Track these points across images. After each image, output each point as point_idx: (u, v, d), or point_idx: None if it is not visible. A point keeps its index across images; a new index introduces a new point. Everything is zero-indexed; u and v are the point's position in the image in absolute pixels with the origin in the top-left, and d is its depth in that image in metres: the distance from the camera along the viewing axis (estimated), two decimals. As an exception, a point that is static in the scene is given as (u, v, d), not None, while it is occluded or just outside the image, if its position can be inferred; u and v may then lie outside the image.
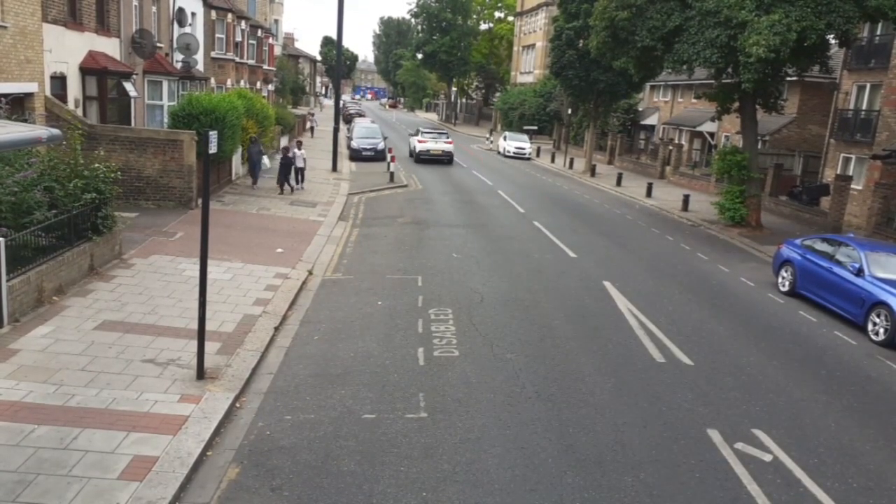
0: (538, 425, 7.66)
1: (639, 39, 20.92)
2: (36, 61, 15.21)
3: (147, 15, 23.44)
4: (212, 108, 18.29)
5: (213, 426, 7.04)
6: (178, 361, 8.46)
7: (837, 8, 17.78)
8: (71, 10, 17.90)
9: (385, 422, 7.52)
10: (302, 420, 7.48)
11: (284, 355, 9.28)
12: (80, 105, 18.48)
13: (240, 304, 10.86)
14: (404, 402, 8.02)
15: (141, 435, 6.67)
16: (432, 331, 10.45)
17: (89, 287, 10.81)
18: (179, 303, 10.49)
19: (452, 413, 7.81)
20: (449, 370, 9.01)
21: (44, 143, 7.73)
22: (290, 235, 15.98)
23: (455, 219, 20.23)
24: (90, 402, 7.26)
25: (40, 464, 6.05)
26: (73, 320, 9.41)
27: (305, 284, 12.54)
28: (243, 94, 25.03)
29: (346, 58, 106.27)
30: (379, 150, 33.58)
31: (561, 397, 8.42)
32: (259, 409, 7.72)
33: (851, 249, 13.25)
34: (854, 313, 12.37)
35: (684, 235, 20.76)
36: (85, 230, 11.33)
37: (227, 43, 32.85)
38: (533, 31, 63.18)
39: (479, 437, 7.33)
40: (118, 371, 8.03)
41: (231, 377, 8.24)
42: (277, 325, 10.23)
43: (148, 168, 17.01)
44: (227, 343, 9.23)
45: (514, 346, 10.02)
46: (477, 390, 8.45)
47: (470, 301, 12.04)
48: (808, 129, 32.55)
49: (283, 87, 56.80)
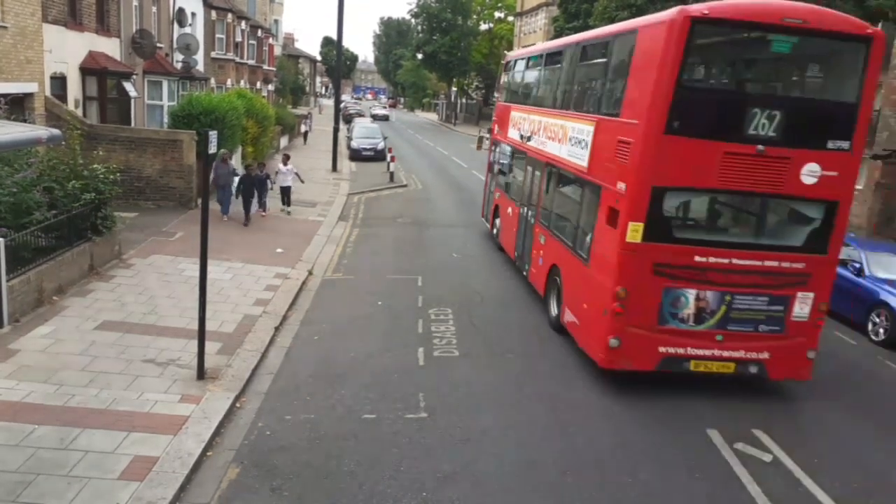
0: (539, 425, 7.66)
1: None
2: (36, 61, 15.21)
3: (147, 15, 23.45)
4: (212, 108, 18.28)
5: (214, 426, 7.04)
6: (178, 361, 8.46)
7: (837, 8, 17.73)
8: (71, 10, 17.89)
9: (385, 422, 7.52)
10: (302, 420, 7.48)
11: (285, 355, 9.27)
12: (80, 105, 18.47)
13: (240, 304, 10.85)
14: (404, 402, 8.02)
15: (141, 435, 6.67)
16: (432, 331, 10.45)
17: (89, 287, 10.80)
18: (179, 303, 10.48)
19: (453, 413, 7.80)
20: (449, 370, 9.01)
21: (44, 144, 7.73)
22: (289, 235, 15.97)
23: (455, 218, 20.23)
24: (90, 402, 7.26)
25: (40, 464, 6.05)
26: (73, 320, 9.41)
27: (305, 284, 12.54)
28: (243, 94, 25.07)
29: (345, 58, 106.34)
30: (379, 150, 33.57)
31: (562, 398, 8.41)
32: (259, 409, 7.72)
33: (852, 249, 13.22)
34: (855, 313, 12.36)
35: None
36: (84, 230, 11.32)
37: (227, 43, 32.86)
38: (533, 32, 63.17)
39: (479, 437, 7.33)
40: (118, 371, 8.03)
41: (231, 377, 8.24)
42: (278, 326, 10.23)
43: (148, 168, 17.00)
44: (227, 343, 9.23)
45: (514, 346, 10.02)
46: (477, 390, 8.45)
47: (470, 301, 12.03)
48: (808, 129, 32.50)
49: (283, 87, 56.85)
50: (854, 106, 7.85)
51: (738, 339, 8.29)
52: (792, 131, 7.73)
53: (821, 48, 8.24)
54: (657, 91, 7.52)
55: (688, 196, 8.36)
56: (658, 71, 7.52)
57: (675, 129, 7.56)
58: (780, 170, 7.77)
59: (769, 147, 7.66)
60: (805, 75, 9.09)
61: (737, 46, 8.36)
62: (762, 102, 7.83)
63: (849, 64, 8.06)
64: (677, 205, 8.45)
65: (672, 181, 7.82)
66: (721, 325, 8.23)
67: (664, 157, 7.67)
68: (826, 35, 7.77)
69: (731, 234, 8.67)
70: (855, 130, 7.88)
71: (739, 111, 7.70)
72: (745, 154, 7.67)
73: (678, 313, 8.17)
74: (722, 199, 8.50)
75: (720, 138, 7.66)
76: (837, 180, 7.92)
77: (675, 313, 8.17)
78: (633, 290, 7.99)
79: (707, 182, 7.82)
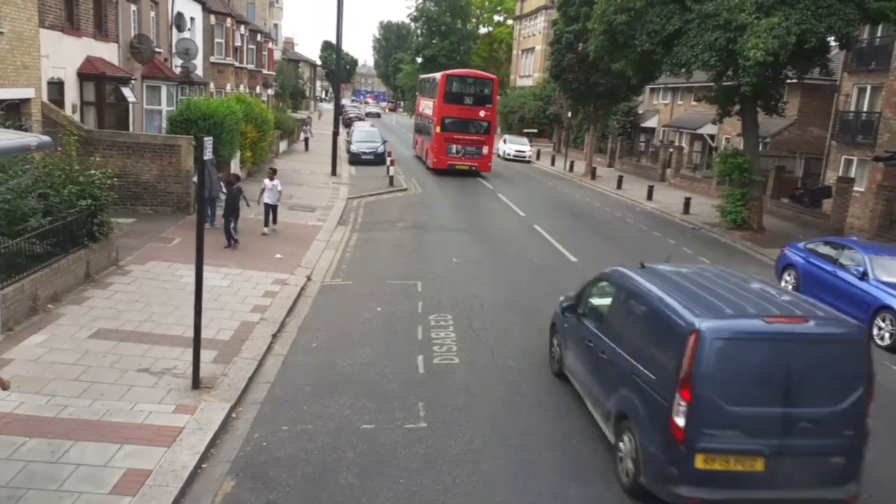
0: (541, 436, 7.52)
1: (638, 44, 20.80)
2: (33, 67, 15.11)
3: (146, 20, 23.37)
4: (210, 112, 18.17)
5: (209, 438, 6.90)
6: (173, 371, 8.32)
7: (838, 10, 17.65)
8: (68, 15, 17.80)
9: (384, 432, 7.38)
10: (299, 431, 7.34)
11: (282, 364, 9.14)
12: (78, 110, 18.37)
13: (237, 310, 10.72)
14: (404, 411, 7.88)
15: (134, 447, 6.53)
16: (432, 337, 10.32)
17: (85, 294, 10.68)
18: (176, 310, 10.34)
19: (453, 423, 7.67)
20: (449, 378, 8.87)
21: (34, 151, 7.61)
22: (288, 241, 15.85)
23: (455, 223, 20.11)
24: (83, 413, 7.12)
25: (31, 478, 5.91)
26: (67, 329, 9.28)
27: (304, 290, 12.42)
28: (242, 98, 24.97)
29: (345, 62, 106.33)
30: (378, 154, 33.47)
31: (564, 407, 8.27)
32: (255, 419, 7.59)
33: (855, 253, 13.11)
34: (858, 317, 12.20)
35: (686, 239, 20.64)
36: (80, 237, 11.20)
37: (226, 47, 32.79)
38: (532, 35, 63.15)
39: (480, 448, 7.19)
40: (112, 381, 7.90)
41: (227, 386, 8.10)
42: (275, 333, 10.09)
43: (145, 173, 16.88)
44: (223, 351, 9.09)
45: (515, 353, 9.88)
46: (478, 399, 8.31)
47: (470, 307, 11.90)
48: (809, 131, 32.45)
49: (282, 92, 56.76)
50: (490, 97, 31.10)
51: (468, 159, 30.77)
52: (474, 102, 30.64)
53: (482, 86, 31.37)
54: (440, 95, 30.45)
55: (450, 119, 30.34)
56: (440, 89, 30.44)
57: (445, 102, 30.36)
58: (473, 111, 30.44)
59: (468, 107, 30.52)
60: (476, 91, 31.28)
61: (456, 82, 31.16)
62: (466, 97, 30.67)
63: (488, 87, 31.37)
64: (448, 122, 30.29)
65: (446, 115, 30.31)
66: (460, 152, 30.67)
67: (443, 110, 30.27)
68: (481, 79, 32.10)
69: (463, 129, 30.63)
70: (493, 103, 31.20)
71: (461, 98, 30.55)
72: (462, 107, 30.48)
73: (451, 150, 30.61)
74: (456, 120, 30.40)
75: (455, 104, 30.36)
76: (490, 115, 31.10)
77: (450, 151, 30.64)
78: (441, 142, 30.74)
79: (453, 114, 30.27)
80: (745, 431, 5.85)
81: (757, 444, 5.83)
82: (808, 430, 5.87)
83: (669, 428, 5.91)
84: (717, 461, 5.84)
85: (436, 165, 30.65)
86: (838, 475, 6.04)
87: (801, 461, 5.94)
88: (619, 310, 7.39)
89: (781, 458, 5.85)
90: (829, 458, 6.00)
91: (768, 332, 5.95)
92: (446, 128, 30.36)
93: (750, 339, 5.93)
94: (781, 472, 5.88)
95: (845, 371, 6.08)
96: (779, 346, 5.91)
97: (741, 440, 5.84)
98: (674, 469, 5.92)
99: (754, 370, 5.87)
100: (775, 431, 5.84)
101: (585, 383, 7.92)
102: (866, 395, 6.11)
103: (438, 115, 30.39)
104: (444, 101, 30.31)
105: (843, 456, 6.03)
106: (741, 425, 5.84)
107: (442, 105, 30.33)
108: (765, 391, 5.87)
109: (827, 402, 5.98)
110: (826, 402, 5.98)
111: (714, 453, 5.83)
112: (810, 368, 5.95)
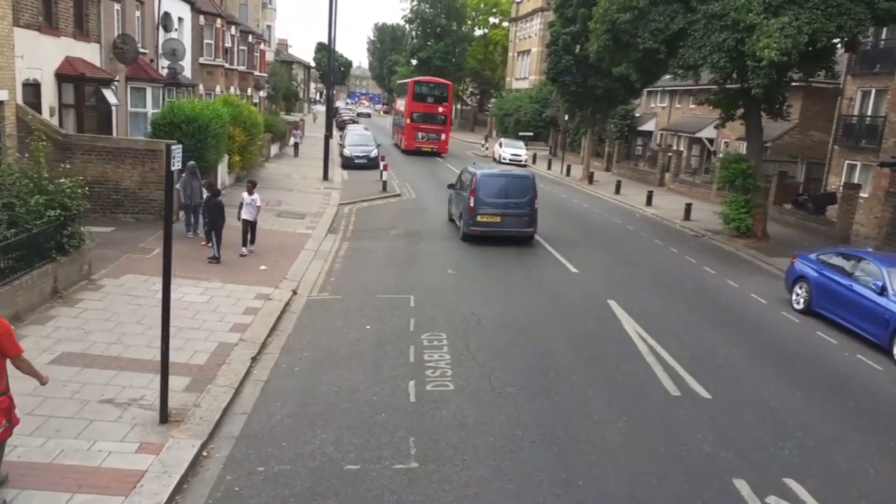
0: (543, 476, 6.78)
1: (641, 41, 20.14)
2: (6, 68, 14.34)
3: (130, 20, 22.58)
4: (194, 116, 17.44)
5: (174, 483, 6.16)
6: (140, 401, 7.57)
7: (848, 10, 17.04)
8: (46, 14, 17.03)
9: (370, 474, 6.64)
10: (276, 472, 6.60)
11: (261, 391, 8.40)
12: (56, 113, 17.58)
13: (215, 330, 9.97)
14: (392, 448, 7.14)
15: (87, 497, 5.78)
16: (425, 359, 9.59)
17: (51, 313, 9.91)
18: (149, 330, 9.56)
19: (447, 462, 6.93)
20: (443, 408, 8.14)
21: None
22: (274, 251, 15.09)
23: (450, 231, 19.37)
24: (34, 454, 6.38)
25: (-37, 538, 5.17)
26: (27, 353, 8.44)
27: (289, 306, 11.68)
28: (230, 100, 24.22)
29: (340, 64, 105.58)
30: (372, 158, 32.75)
31: (567, 441, 7.54)
32: (229, 457, 6.84)
33: (872, 265, 12.44)
34: (877, 335, 11.55)
35: (688, 247, 19.96)
36: (48, 250, 10.45)
37: (216, 48, 32.00)
38: (528, 37, 62.52)
39: (476, 492, 6.46)
40: (71, 414, 7.15)
41: (199, 420, 7.36)
42: (255, 355, 9.35)
43: (126, 179, 16.10)
44: (197, 378, 8.34)
45: (515, 379, 9.15)
46: (474, 433, 7.57)
47: (466, 324, 11.18)
48: (811, 136, 31.86)
49: (275, 94, 55.95)
50: (447, 97, 42.12)
51: (428, 142, 41.13)
52: (435, 101, 41.30)
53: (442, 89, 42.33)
54: (410, 95, 41.20)
55: (417, 113, 40.98)
56: (410, 91, 41.42)
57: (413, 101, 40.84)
58: (434, 108, 41.13)
59: (430, 105, 41.19)
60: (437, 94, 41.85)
61: (422, 86, 42.25)
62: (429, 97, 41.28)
63: (446, 90, 42.36)
64: (416, 116, 40.99)
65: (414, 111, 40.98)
66: (424, 138, 41.07)
67: (412, 107, 40.89)
68: (440, 84, 43.18)
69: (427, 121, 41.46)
70: (448, 101, 42.43)
71: (425, 98, 41.09)
72: (426, 104, 40.99)
73: (417, 136, 41.10)
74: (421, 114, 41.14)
75: (421, 102, 40.94)
76: (446, 112, 41.93)
77: (417, 137, 41.06)
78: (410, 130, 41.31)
79: (419, 110, 40.89)
80: (492, 207, 17.16)
81: (497, 211, 17.19)
82: (516, 206, 17.39)
83: (470, 209, 17.18)
84: (485, 217, 17.17)
85: (406, 148, 41.33)
86: (527, 224, 17.61)
87: (513, 218, 17.34)
88: (464, 178, 18.79)
89: (507, 216, 17.28)
90: (523, 217, 17.43)
91: (499, 174, 18.63)
92: (414, 120, 41.15)
93: (493, 176, 17.94)
94: (507, 223, 17.32)
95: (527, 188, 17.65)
96: (503, 179, 17.87)
97: (491, 210, 17.15)
98: (470, 222, 17.33)
99: (494, 187, 17.33)
100: (503, 206, 17.22)
101: (454, 210, 19.53)
102: (534, 196, 17.53)
103: (409, 111, 41.18)
104: (413, 100, 40.85)
105: (528, 217, 17.51)
106: (491, 204, 17.17)
107: (411, 103, 40.94)
108: (498, 193, 17.24)
109: (521, 197, 17.44)
110: (521, 197, 17.44)
111: (483, 215, 17.15)
112: (514, 188, 17.53)
